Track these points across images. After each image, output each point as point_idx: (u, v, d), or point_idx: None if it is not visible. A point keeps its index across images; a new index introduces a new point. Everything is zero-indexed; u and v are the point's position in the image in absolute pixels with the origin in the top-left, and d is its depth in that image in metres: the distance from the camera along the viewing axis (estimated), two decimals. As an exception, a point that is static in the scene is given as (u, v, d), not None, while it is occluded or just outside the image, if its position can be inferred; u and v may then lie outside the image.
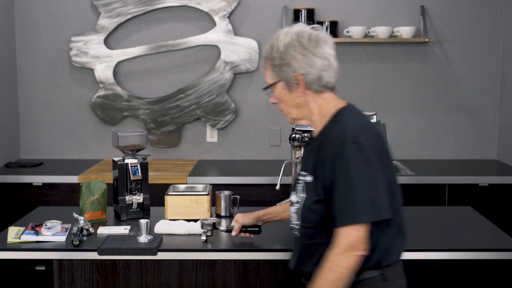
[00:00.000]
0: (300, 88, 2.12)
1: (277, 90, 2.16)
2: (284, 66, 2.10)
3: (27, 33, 4.60)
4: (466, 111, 4.67)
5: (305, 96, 2.13)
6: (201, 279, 2.72)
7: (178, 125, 4.64)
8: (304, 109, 2.15)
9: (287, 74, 2.11)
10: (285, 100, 2.16)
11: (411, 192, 4.05)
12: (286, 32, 2.13)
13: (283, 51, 2.10)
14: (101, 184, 2.98)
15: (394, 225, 2.10)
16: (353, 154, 1.97)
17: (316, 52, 2.09)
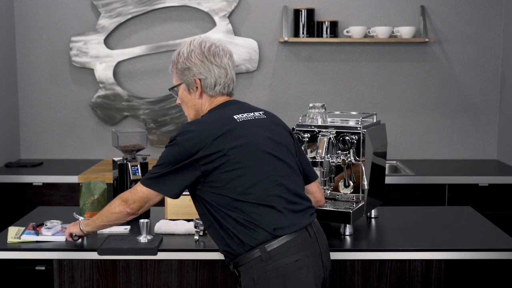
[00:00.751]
0: (198, 91, 2.39)
1: (180, 92, 2.44)
2: (186, 70, 2.38)
3: (27, 33, 4.61)
4: (466, 111, 4.67)
5: (201, 99, 2.40)
6: (201, 279, 2.72)
7: (178, 125, 4.64)
8: (199, 110, 2.42)
9: (188, 78, 2.39)
10: (185, 101, 2.44)
11: (411, 192, 4.05)
12: (191, 41, 2.41)
13: (186, 57, 2.38)
14: (101, 184, 2.98)
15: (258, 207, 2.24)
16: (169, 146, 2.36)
17: (214, 60, 2.36)
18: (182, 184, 2.31)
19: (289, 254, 2.23)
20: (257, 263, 2.22)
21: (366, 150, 2.76)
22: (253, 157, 2.27)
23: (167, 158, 2.35)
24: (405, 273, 2.74)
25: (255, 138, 2.30)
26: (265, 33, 4.58)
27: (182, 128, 2.33)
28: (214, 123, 2.29)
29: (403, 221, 3.01)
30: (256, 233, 2.22)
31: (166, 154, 2.36)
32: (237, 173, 2.23)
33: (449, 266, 2.86)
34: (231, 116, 2.32)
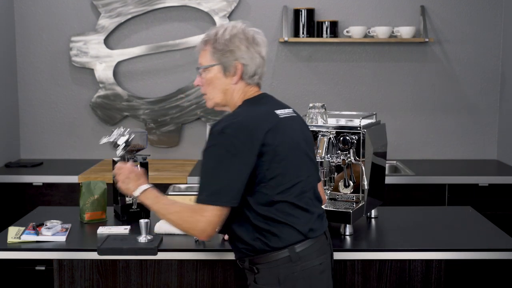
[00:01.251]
0: (236, 76, 2.28)
1: (211, 73, 2.30)
2: (228, 52, 2.26)
3: (27, 33, 4.60)
4: (466, 111, 4.67)
5: (235, 85, 2.30)
6: (201, 279, 2.72)
7: (178, 125, 4.64)
8: (228, 96, 2.32)
9: (228, 60, 2.27)
10: (215, 83, 2.31)
11: (411, 192, 4.05)
12: (233, 25, 2.31)
13: (228, 39, 2.26)
14: (101, 184, 2.99)
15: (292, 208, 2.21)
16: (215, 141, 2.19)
17: (258, 49, 2.29)
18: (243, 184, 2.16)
19: (315, 257, 2.24)
20: (285, 263, 2.20)
21: (366, 150, 2.76)
22: (295, 157, 2.25)
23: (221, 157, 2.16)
24: (405, 273, 2.74)
25: (296, 137, 2.28)
26: (265, 33, 4.50)
27: (227, 121, 2.20)
28: (262, 117, 2.22)
29: (403, 221, 3.01)
30: (288, 233, 2.20)
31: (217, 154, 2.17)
32: (281, 170, 2.19)
33: (449, 266, 2.87)
34: (273, 111, 2.28)
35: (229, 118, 2.22)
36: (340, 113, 3.15)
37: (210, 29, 2.34)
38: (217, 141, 2.19)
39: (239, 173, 2.14)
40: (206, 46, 2.31)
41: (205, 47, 2.31)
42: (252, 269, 2.26)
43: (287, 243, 2.20)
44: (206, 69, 2.30)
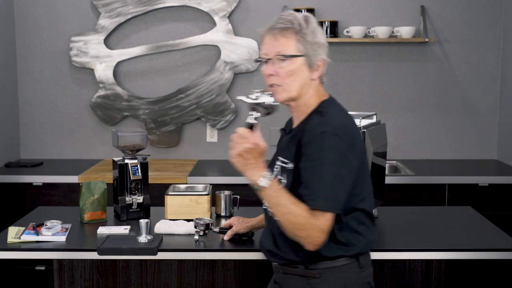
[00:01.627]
0: (317, 72, 2.16)
1: (295, 64, 2.13)
2: (316, 45, 2.13)
3: (27, 33, 4.60)
4: (466, 111, 4.67)
5: (313, 81, 2.17)
6: (201, 279, 2.72)
7: (178, 125, 4.64)
8: (304, 90, 2.17)
9: (316, 54, 2.14)
10: (297, 76, 2.14)
11: (411, 192, 4.05)
12: (310, 16, 2.16)
13: (314, 32, 2.13)
14: (101, 184, 2.98)
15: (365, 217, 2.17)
16: (332, 144, 2.02)
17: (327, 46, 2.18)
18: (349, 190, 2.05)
19: (370, 264, 2.24)
20: (352, 268, 2.15)
21: (366, 150, 2.76)
22: (368, 166, 2.21)
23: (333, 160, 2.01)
24: (405, 273, 2.74)
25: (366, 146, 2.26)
26: (265, 33, 4.58)
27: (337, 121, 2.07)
28: (354, 122, 2.15)
29: (403, 221, 3.01)
30: (360, 241, 2.16)
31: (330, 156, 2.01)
32: (364, 178, 2.14)
33: (449, 266, 2.86)
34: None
35: (334, 118, 2.09)
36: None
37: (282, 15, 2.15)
38: (330, 143, 2.02)
39: (348, 178, 2.05)
40: (288, 33, 2.11)
41: (287, 34, 2.11)
42: (310, 274, 2.15)
43: (357, 250, 2.16)
44: (289, 59, 2.11)
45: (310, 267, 2.15)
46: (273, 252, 2.22)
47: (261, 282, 2.73)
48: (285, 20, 2.12)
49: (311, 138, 2.05)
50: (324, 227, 2.01)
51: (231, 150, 2.02)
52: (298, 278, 2.17)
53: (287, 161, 2.14)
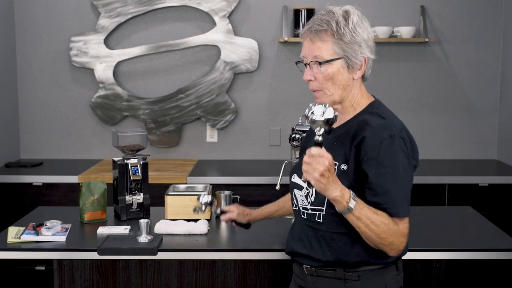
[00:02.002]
0: (359, 71, 2.08)
1: (334, 67, 2.05)
2: (355, 44, 2.04)
3: (27, 33, 4.60)
4: (466, 111, 4.67)
5: (356, 80, 2.10)
6: (201, 279, 2.72)
7: (178, 125, 4.64)
8: (347, 92, 2.10)
9: (355, 54, 2.05)
10: (336, 79, 2.07)
11: (411, 192, 4.04)
12: (352, 10, 2.05)
13: (353, 29, 2.03)
14: (101, 184, 2.98)
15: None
16: (400, 148, 1.98)
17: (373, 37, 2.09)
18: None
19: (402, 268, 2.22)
20: (391, 271, 2.13)
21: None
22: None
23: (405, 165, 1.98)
24: (405, 273, 2.73)
25: None
26: (265, 33, 4.58)
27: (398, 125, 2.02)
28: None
29: (403, 221, 3.00)
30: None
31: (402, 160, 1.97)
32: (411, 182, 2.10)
33: (449, 266, 2.86)
34: None
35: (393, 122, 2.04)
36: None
37: (320, 14, 2.07)
38: (399, 147, 1.97)
39: (412, 181, 2.04)
40: (325, 36, 2.03)
41: (324, 37, 2.03)
42: (350, 276, 2.10)
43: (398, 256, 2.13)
44: (326, 64, 2.04)
45: (349, 270, 2.10)
46: (306, 255, 2.15)
47: (261, 282, 2.73)
48: (322, 21, 2.03)
49: (380, 142, 1.97)
50: (405, 231, 2.00)
51: (309, 173, 1.90)
52: (335, 281, 2.11)
53: (337, 162, 2.04)
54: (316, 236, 2.10)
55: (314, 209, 2.09)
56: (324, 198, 2.02)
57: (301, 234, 2.17)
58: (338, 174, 2.01)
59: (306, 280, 2.19)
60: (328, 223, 2.07)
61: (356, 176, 2.01)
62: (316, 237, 2.11)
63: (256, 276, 2.73)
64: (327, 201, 2.03)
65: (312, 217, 2.09)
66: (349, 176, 2.02)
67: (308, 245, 2.13)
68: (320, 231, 2.09)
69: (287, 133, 4.41)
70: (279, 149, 4.66)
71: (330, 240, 2.08)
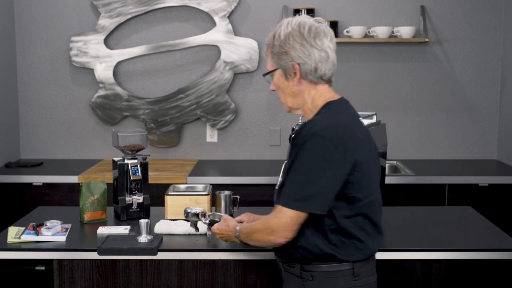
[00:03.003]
0: (296, 77, 2.18)
1: (275, 78, 2.23)
2: (283, 54, 2.17)
3: (27, 33, 4.60)
4: (466, 111, 4.67)
5: (300, 86, 2.19)
6: (201, 279, 2.72)
7: (178, 125, 4.64)
8: (298, 98, 2.22)
9: (285, 63, 2.18)
10: (282, 88, 2.23)
11: (411, 192, 4.05)
12: (288, 21, 2.19)
13: (283, 40, 2.17)
14: (101, 184, 2.98)
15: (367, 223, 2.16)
16: (314, 146, 2.05)
17: (314, 43, 2.15)
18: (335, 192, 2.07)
19: (371, 274, 2.24)
20: (346, 275, 2.15)
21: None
22: (374, 170, 2.20)
23: (314, 161, 2.05)
24: (405, 273, 2.73)
25: (375, 149, 2.23)
26: (265, 33, 4.53)
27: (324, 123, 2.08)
28: (354, 123, 2.16)
29: (403, 221, 3.01)
30: (357, 248, 2.15)
31: (312, 156, 2.05)
32: (366, 182, 2.13)
33: (449, 266, 2.86)
34: (358, 117, 2.22)
35: (324, 120, 2.11)
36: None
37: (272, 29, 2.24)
38: (313, 144, 2.05)
39: (331, 180, 2.05)
40: (267, 51, 2.24)
41: (266, 52, 2.25)
42: (304, 275, 2.18)
43: (353, 258, 2.15)
44: (271, 74, 2.24)
45: (306, 268, 2.18)
46: (276, 250, 2.26)
47: (261, 282, 2.73)
48: (267, 36, 2.24)
49: (298, 140, 2.10)
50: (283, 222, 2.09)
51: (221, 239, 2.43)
52: (295, 278, 2.21)
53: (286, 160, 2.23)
54: None
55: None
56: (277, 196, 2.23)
57: None
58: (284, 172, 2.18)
59: (282, 274, 2.32)
60: None
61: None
62: None
63: (256, 276, 2.73)
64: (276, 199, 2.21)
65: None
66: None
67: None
68: None
69: (287, 133, 4.41)
70: (279, 149, 4.66)
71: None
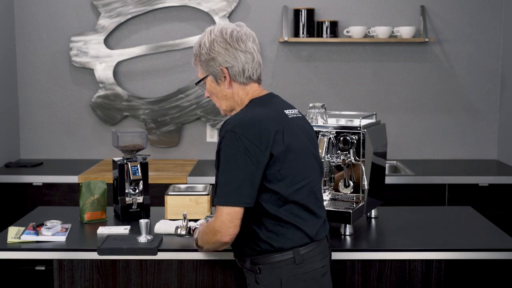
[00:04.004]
0: (226, 81, 2.28)
1: (207, 84, 2.33)
2: (210, 60, 2.27)
3: (27, 33, 4.61)
4: (466, 111, 4.67)
5: (231, 88, 2.29)
6: (201, 279, 2.72)
7: (178, 125, 4.64)
8: (231, 101, 2.31)
9: (214, 68, 2.28)
10: (215, 93, 2.33)
11: (411, 192, 4.05)
12: (211, 29, 2.30)
13: (209, 47, 2.26)
14: (101, 184, 2.98)
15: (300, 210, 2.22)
16: (229, 141, 2.13)
17: (238, 46, 2.26)
18: (257, 184, 2.16)
19: (318, 260, 2.26)
20: (288, 264, 2.21)
21: (366, 150, 2.76)
22: (304, 158, 2.25)
23: (231, 158, 2.14)
24: (405, 273, 2.74)
25: (304, 138, 2.28)
26: (265, 33, 4.58)
27: (236, 120, 2.17)
28: (271, 116, 2.21)
29: (403, 221, 3.01)
30: (294, 235, 2.21)
31: (228, 153, 2.14)
32: (291, 171, 2.19)
33: (449, 266, 2.87)
34: (282, 110, 2.28)
35: (237, 117, 2.20)
36: (340, 113, 3.15)
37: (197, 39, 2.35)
38: (227, 141, 2.15)
39: (250, 172, 2.13)
40: (195, 60, 2.35)
41: (195, 62, 2.35)
42: (253, 269, 2.26)
43: (292, 245, 2.20)
44: (203, 82, 2.34)
45: (254, 261, 2.25)
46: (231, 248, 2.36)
47: (261, 282, 2.73)
48: (194, 46, 2.34)
49: (218, 140, 2.21)
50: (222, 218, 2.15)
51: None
52: (249, 272, 2.29)
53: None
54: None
55: None
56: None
57: None
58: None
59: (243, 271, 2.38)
60: None
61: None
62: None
63: (256, 276, 2.72)
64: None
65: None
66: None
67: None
68: None
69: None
70: (279, 149, 4.65)
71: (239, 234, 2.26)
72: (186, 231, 2.57)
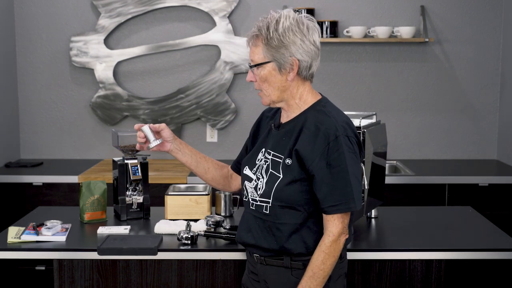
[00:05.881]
0: (293, 72, 2.18)
1: (265, 70, 2.19)
2: (282, 48, 2.15)
3: (27, 33, 4.60)
4: (466, 111, 4.67)
5: (292, 81, 2.20)
6: (201, 279, 2.72)
7: (178, 125, 4.64)
8: (286, 93, 2.22)
9: (283, 57, 2.16)
10: (270, 81, 2.20)
11: (411, 192, 4.05)
12: (286, 15, 2.16)
13: (282, 33, 2.14)
14: (101, 184, 2.98)
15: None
16: (346, 146, 2.13)
17: (312, 40, 2.17)
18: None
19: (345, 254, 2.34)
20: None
21: (366, 150, 2.76)
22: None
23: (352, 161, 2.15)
24: (405, 273, 2.74)
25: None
26: (265, 33, 4.58)
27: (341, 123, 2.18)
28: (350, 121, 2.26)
29: (403, 221, 3.01)
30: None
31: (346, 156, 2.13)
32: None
33: (449, 266, 2.86)
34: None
35: (337, 120, 2.18)
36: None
37: (260, 20, 2.20)
38: (346, 147, 2.14)
39: (360, 176, 2.21)
40: (257, 41, 2.18)
41: (256, 42, 2.18)
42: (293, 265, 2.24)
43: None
44: (259, 66, 2.19)
45: (295, 258, 2.22)
46: (254, 245, 2.27)
47: (261, 282, 2.73)
48: (257, 27, 2.19)
49: (327, 143, 2.13)
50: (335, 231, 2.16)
51: None
52: (282, 270, 2.24)
53: (282, 156, 2.21)
54: (264, 227, 2.24)
55: (262, 201, 2.23)
56: (271, 191, 2.20)
57: (250, 225, 2.29)
58: (283, 168, 2.19)
59: (257, 268, 2.32)
60: (274, 214, 2.21)
61: (305, 172, 2.17)
62: (264, 228, 2.24)
63: (256, 276, 2.73)
64: (273, 194, 2.20)
65: (260, 208, 2.24)
66: (294, 171, 2.17)
67: (257, 236, 2.26)
68: (268, 222, 2.23)
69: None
70: (279, 149, 4.65)
71: (275, 230, 2.22)
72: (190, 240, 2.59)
